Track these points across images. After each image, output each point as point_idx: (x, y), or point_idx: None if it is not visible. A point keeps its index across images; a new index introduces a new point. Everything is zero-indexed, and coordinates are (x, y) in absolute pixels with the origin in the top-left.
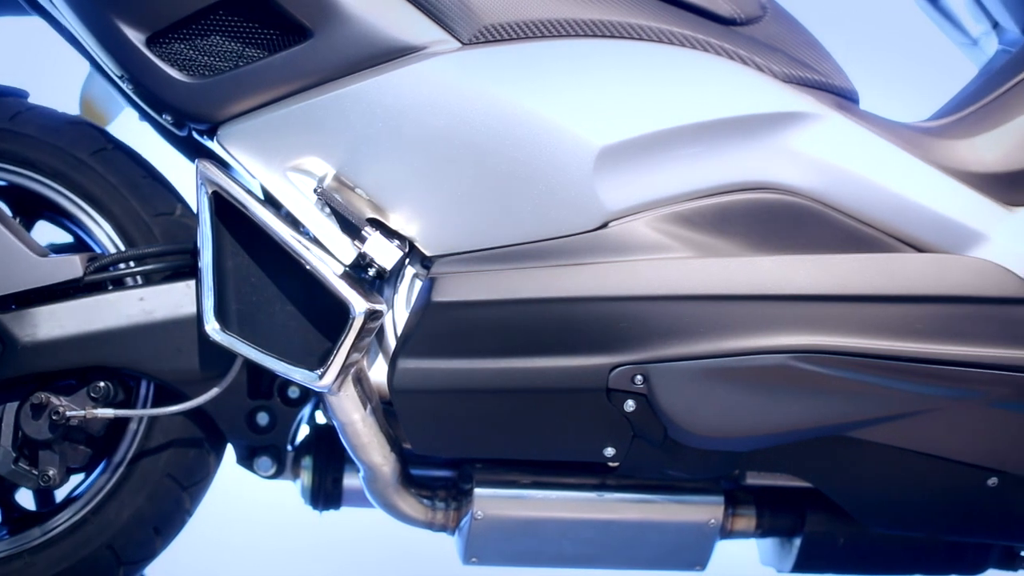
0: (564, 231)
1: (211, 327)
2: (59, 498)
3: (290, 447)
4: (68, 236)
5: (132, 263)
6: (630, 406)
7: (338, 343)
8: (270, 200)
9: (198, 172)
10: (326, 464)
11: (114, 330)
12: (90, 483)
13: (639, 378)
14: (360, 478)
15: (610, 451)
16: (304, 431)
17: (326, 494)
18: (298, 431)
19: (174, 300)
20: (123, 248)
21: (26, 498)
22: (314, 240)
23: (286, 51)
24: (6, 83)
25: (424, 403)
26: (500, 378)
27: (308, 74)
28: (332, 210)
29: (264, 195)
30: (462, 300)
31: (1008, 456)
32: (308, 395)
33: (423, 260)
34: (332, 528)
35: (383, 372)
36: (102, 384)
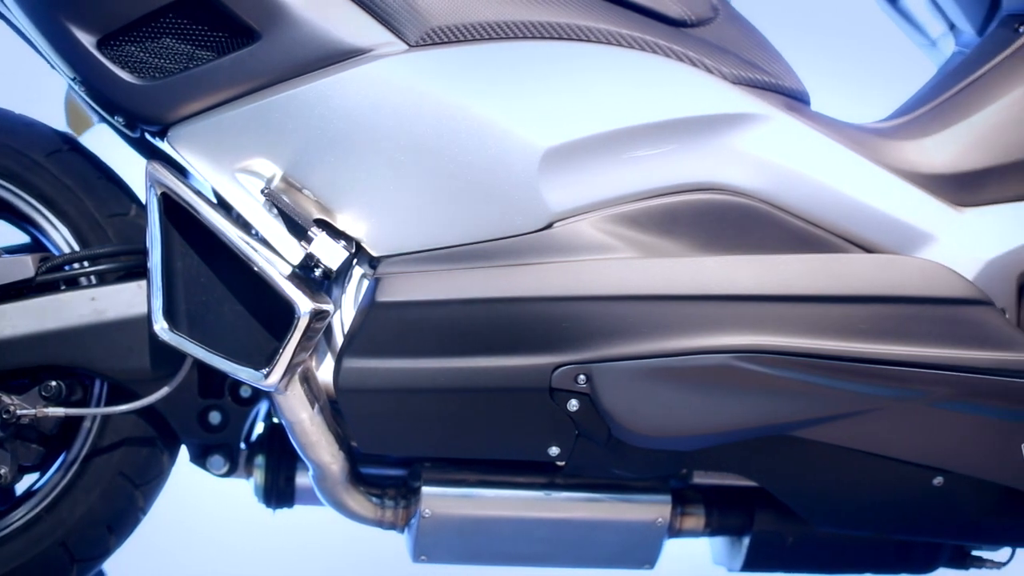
0: (509, 232)
1: (159, 327)
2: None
3: (244, 445)
4: (24, 237)
5: (85, 263)
6: (573, 405)
7: (283, 343)
8: (221, 201)
9: (147, 174)
10: (279, 463)
11: (66, 330)
12: (44, 481)
13: (582, 378)
14: (309, 476)
15: (555, 450)
16: (260, 429)
17: (279, 492)
18: (253, 430)
19: (125, 300)
20: (78, 249)
21: None
22: (262, 241)
23: (234, 53)
24: None
25: (369, 402)
26: (444, 377)
27: (256, 76)
28: (280, 211)
29: (216, 196)
30: (406, 300)
31: (953, 455)
32: (260, 394)
33: (371, 260)
34: (333, 528)
35: (331, 371)
36: (54, 383)
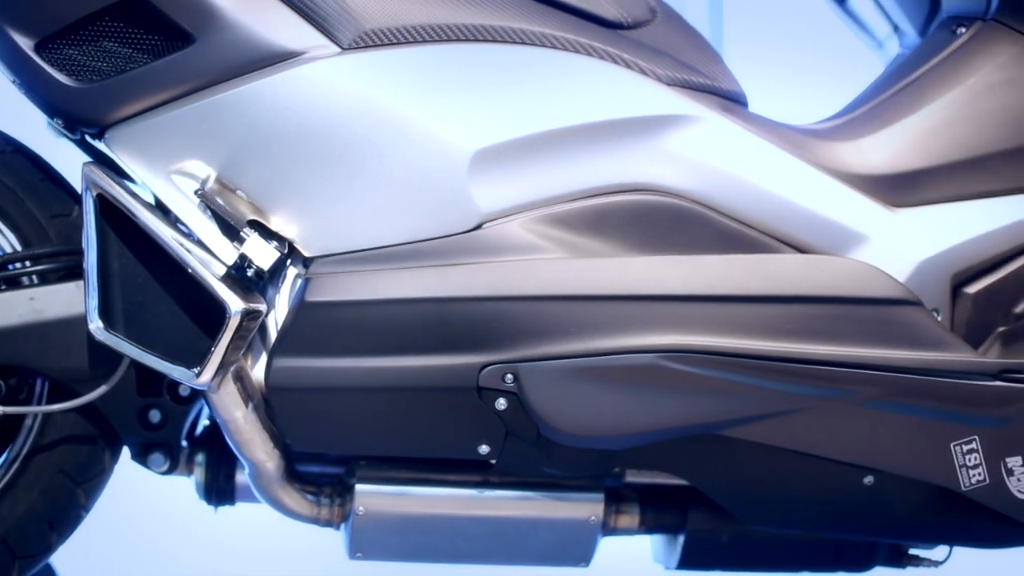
0: (439, 232)
1: (94, 326)
2: None
3: (186, 443)
4: None
5: (27, 263)
6: (501, 404)
7: (215, 342)
8: (159, 202)
9: (83, 176)
10: (219, 461)
11: (5, 329)
12: None
13: (509, 377)
14: (246, 474)
15: (485, 449)
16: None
17: (219, 490)
18: (196, 428)
19: (64, 300)
20: (20, 249)
21: None
22: (197, 242)
23: (169, 56)
24: None
25: (300, 401)
26: (374, 376)
27: (191, 79)
28: (214, 212)
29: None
30: (334, 300)
31: (883, 455)
32: (198, 393)
33: (304, 261)
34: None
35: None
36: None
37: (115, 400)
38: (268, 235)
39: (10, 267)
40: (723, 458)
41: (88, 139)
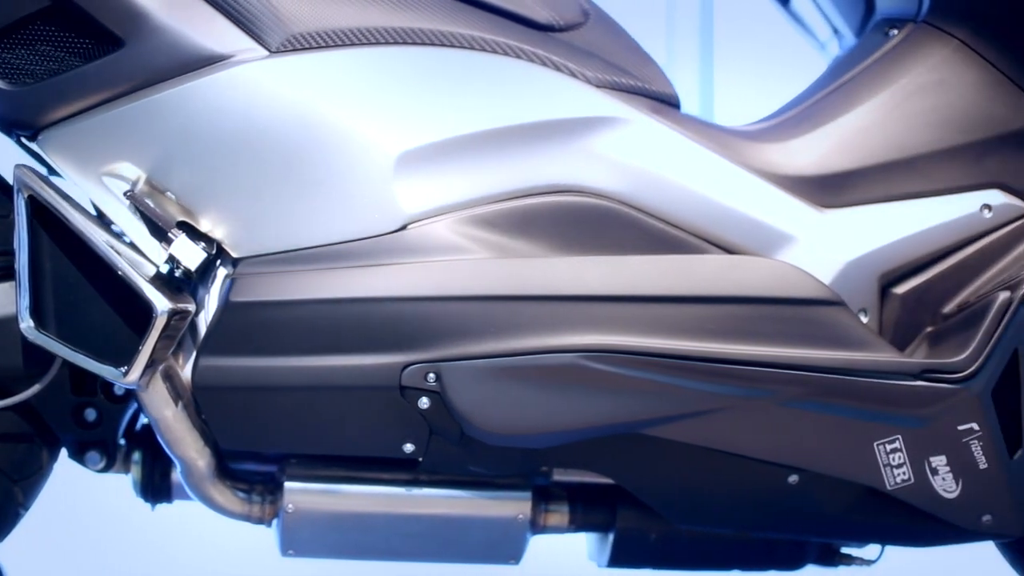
0: (364, 233)
1: (25, 325)
2: None
3: (124, 442)
4: None
5: None
6: (424, 403)
7: (142, 341)
8: (92, 204)
9: (15, 177)
10: (155, 458)
11: None
12: None
13: (431, 376)
14: (178, 472)
15: (409, 447)
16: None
17: (155, 488)
18: (134, 426)
19: None
20: None
21: None
22: (127, 243)
23: (100, 60)
24: None
25: (226, 399)
26: (298, 376)
27: (121, 82)
28: (143, 214)
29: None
30: (259, 300)
31: (806, 454)
32: (133, 393)
33: (233, 261)
34: None
35: None
36: None
37: (50, 399)
38: (196, 236)
39: None
40: (648, 457)
41: (24, 141)
